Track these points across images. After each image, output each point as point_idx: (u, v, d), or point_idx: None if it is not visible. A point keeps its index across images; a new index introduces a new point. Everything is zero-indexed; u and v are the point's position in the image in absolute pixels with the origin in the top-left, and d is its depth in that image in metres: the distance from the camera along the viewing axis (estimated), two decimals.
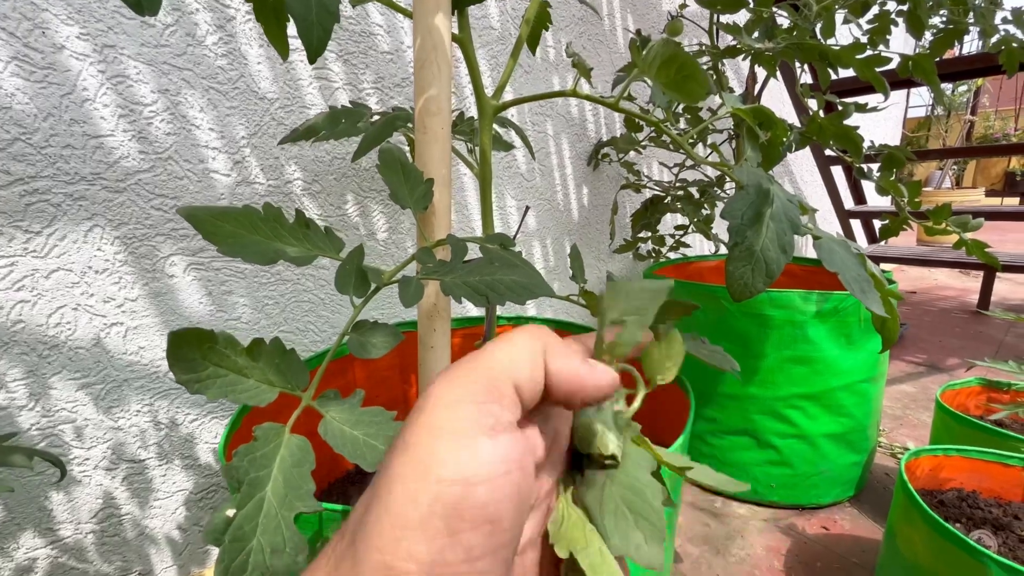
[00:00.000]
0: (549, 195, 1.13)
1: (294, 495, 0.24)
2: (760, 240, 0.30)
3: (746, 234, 0.30)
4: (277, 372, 0.27)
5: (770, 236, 0.30)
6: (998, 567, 0.49)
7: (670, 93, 0.28)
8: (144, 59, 0.59)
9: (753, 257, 0.30)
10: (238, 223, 0.30)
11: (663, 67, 0.27)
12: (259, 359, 0.27)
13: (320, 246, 0.32)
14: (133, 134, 0.59)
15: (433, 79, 0.39)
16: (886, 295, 0.43)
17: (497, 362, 0.15)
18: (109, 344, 0.61)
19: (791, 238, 0.32)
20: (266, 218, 0.31)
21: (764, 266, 0.31)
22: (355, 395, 0.29)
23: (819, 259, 0.39)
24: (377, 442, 0.27)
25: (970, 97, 6.17)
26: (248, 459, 0.23)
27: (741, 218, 0.31)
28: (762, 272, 0.30)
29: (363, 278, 0.31)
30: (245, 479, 0.23)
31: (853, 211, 2.19)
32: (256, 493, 0.23)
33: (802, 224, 0.34)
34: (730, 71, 1.65)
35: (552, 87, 1.09)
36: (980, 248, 0.83)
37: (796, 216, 0.32)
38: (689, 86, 0.26)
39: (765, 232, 0.31)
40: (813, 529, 0.91)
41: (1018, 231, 4.34)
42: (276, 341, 0.27)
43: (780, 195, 0.32)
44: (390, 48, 0.81)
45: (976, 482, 0.70)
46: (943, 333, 1.94)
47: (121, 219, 0.59)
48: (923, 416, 1.31)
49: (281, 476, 0.24)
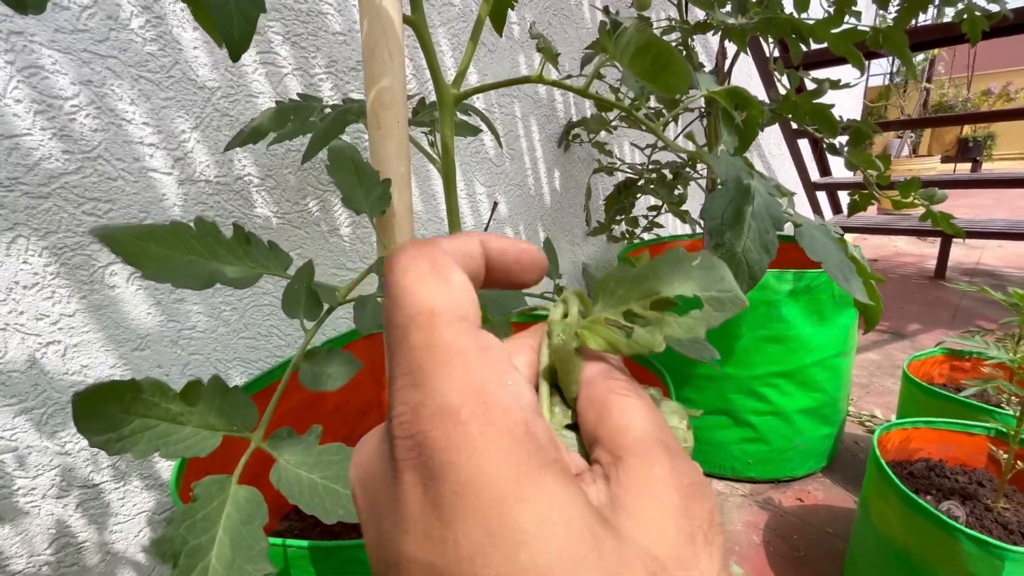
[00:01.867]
0: (520, 180, 1.09)
1: (244, 558, 0.21)
2: (742, 241, 0.29)
3: (726, 235, 0.29)
4: (219, 414, 0.24)
5: (752, 236, 0.29)
6: (968, 540, 0.50)
7: (645, 84, 0.25)
8: (60, 47, 0.52)
9: (735, 260, 0.29)
10: (166, 243, 0.26)
11: (637, 55, 0.24)
12: (196, 402, 0.24)
13: (264, 264, 0.28)
14: (54, 132, 0.53)
15: (385, 67, 0.35)
16: (868, 279, 0.42)
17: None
18: (47, 365, 0.56)
19: (774, 237, 0.30)
20: (199, 234, 0.27)
21: (747, 268, 0.29)
22: (311, 432, 0.26)
23: (795, 239, 0.38)
24: (338, 485, 0.24)
25: (926, 66, 6.34)
26: (186, 525, 0.21)
27: (721, 218, 0.29)
28: (745, 276, 0.29)
29: (314, 299, 0.28)
30: (183, 550, 0.20)
31: (819, 183, 2.23)
32: (198, 563, 0.20)
33: (784, 216, 0.32)
34: (699, 46, 1.63)
35: (518, 66, 1.04)
36: (946, 220, 0.84)
37: (778, 212, 0.30)
38: (666, 77, 0.24)
39: (747, 232, 0.29)
40: (789, 502, 0.93)
41: (971, 196, 4.53)
42: (215, 380, 0.24)
43: (761, 190, 0.30)
44: (342, 28, 0.75)
45: (943, 451, 0.72)
46: (904, 300, 2.01)
47: (48, 227, 0.54)
48: (888, 383, 1.36)
49: (228, 538, 0.21)
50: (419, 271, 0.13)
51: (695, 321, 0.15)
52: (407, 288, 0.13)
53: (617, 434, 0.14)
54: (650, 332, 0.16)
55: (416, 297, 0.13)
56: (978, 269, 2.43)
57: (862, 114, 4.16)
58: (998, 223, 2.07)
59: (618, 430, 0.14)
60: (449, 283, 0.13)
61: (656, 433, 0.14)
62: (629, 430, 0.14)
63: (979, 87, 7.41)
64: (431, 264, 0.14)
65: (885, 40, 0.66)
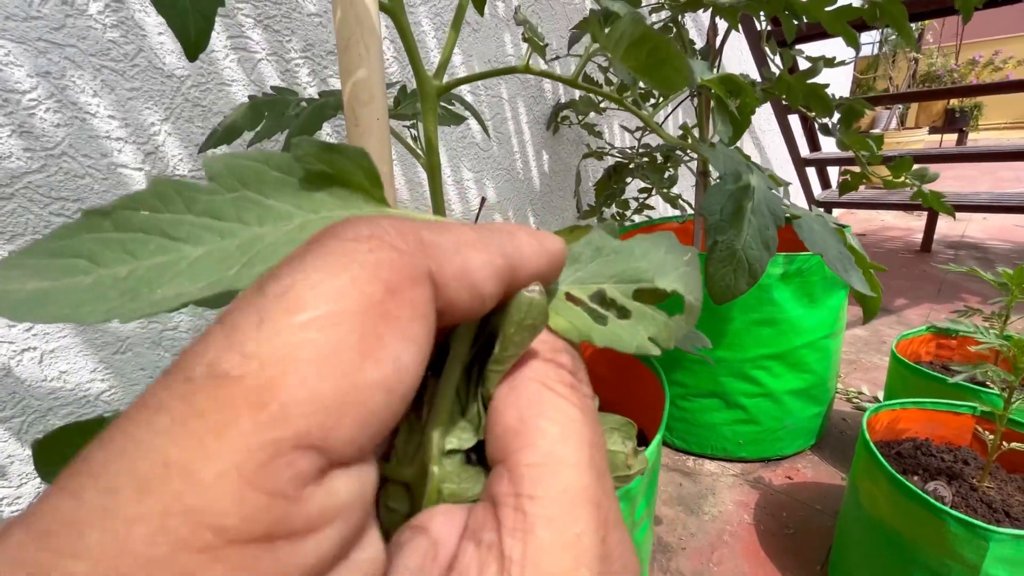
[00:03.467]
0: (508, 164, 1.07)
1: None
2: (741, 238, 0.28)
3: (726, 232, 0.27)
4: None
5: (751, 233, 0.28)
6: (955, 521, 0.51)
7: (641, 78, 0.24)
8: (12, 36, 0.49)
9: (735, 258, 0.28)
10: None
11: (632, 48, 0.22)
12: None
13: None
14: (12, 129, 0.50)
15: (361, 60, 0.33)
16: (867, 269, 0.41)
17: None
18: (23, 373, 0.54)
19: (774, 233, 0.29)
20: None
21: (747, 266, 0.28)
22: None
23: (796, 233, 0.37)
24: None
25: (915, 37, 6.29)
26: None
27: (720, 214, 0.28)
28: (745, 272, 0.28)
29: None
30: None
31: (809, 159, 2.22)
32: None
33: (783, 211, 0.31)
34: (690, 22, 1.59)
35: (504, 46, 1.01)
36: (937, 199, 0.84)
37: (778, 207, 0.29)
38: (663, 71, 0.22)
39: (747, 228, 0.28)
40: (778, 480, 0.95)
41: (956, 168, 4.56)
42: None
43: (760, 185, 0.29)
44: (317, 10, 0.71)
45: (930, 430, 0.73)
46: (891, 274, 2.03)
47: (14, 230, 0.51)
48: (875, 359, 1.39)
49: None
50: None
51: (678, 326, 0.13)
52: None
53: (533, 475, 0.10)
54: (632, 328, 0.13)
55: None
56: (963, 242, 2.46)
57: (852, 87, 4.13)
58: (983, 196, 2.09)
59: (537, 468, 0.10)
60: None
61: (590, 482, 0.10)
62: (552, 473, 0.10)
63: (968, 55, 7.38)
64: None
65: (883, 14, 0.64)
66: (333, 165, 0.13)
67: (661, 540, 0.82)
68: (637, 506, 0.44)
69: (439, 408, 0.12)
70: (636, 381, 0.63)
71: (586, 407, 0.11)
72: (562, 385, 0.11)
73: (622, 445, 0.15)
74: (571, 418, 0.11)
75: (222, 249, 0.12)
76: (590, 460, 0.10)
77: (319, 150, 0.13)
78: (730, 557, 0.78)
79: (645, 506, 0.47)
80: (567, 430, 0.11)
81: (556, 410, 0.11)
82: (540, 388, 0.11)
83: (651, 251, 0.14)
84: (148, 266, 0.12)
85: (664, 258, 0.13)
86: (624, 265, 0.13)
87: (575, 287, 0.13)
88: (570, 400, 0.11)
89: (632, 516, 0.43)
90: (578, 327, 0.12)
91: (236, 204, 0.12)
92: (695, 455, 1.02)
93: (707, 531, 0.84)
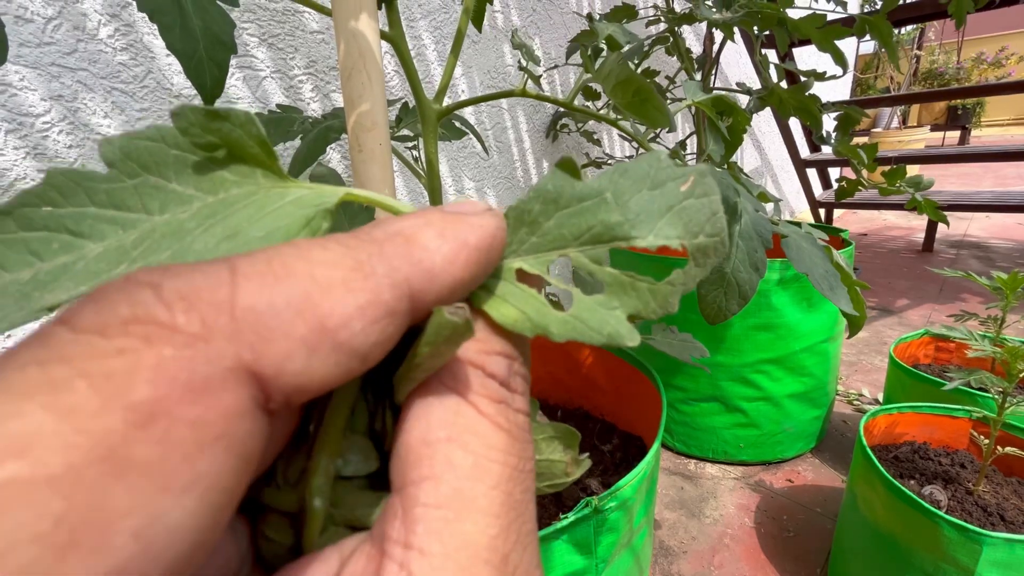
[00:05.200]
0: (508, 173, 1.08)
1: None
2: (731, 262, 0.29)
3: None
4: None
5: (740, 257, 0.29)
6: (949, 526, 0.52)
7: (629, 115, 0.25)
8: (27, 62, 0.50)
9: (724, 280, 0.29)
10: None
11: (619, 87, 0.24)
12: None
13: None
14: (27, 151, 0.51)
15: (364, 90, 0.35)
16: (852, 286, 0.43)
17: None
18: None
19: (762, 255, 0.30)
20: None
21: (736, 288, 0.29)
22: None
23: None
24: None
25: (916, 34, 6.27)
26: None
27: None
28: (735, 294, 0.29)
29: None
30: None
31: (809, 160, 2.23)
32: None
33: (770, 233, 0.32)
34: (688, 29, 1.60)
35: (503, 56, 1.02)
36: (931, 207, 0.84)
37: (766, 229, 0.31)
38: (646, 110, 0.23)
39: (735, 253, 0.29)
40: (779, 483, 0.96)
41: (959, 166, 4.55)
42: None
43: (748, 208, 0.31)
44: (320, 27, 0.73)
45: (927, 434, 0.74)
46: (892, 275, 2.04)
47: None
48: (876, 360, 1.39)
49: None
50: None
51: (673, 289, 0.10)
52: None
53: (430, 522, 0.08)
54: (603, 309, 0.10)
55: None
56: (965, 241, 2.46)
57: (852, 86, 4.13)
58: (985, 195, 2.09)
59: (435, 512, 0.08)
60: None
61: (498, 531, 0.08)
62: (453, 522, 0.08)
63: (971, 51, 7.35)
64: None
65: (871, 28, 0.66)
66: (223, 136, 0.11)
67: (662, 543, 0.83)
68: (635, 514, 0.45)
69: (328, 426, 0.10)
70: (633, 388, 0.65)
71: (515, 427, 0.09)
72: (487, 401, 0.09)
73: (562, 454, 0.13)
74: (490, 445, 0.09)
75: (120, 244, 0.11)
76: (504, 501, 0.08)
77: (204, 119, 0.11)
78: (731, 560, 0.79)
79: (644, 514, 0.48)
80: (481, 464, 0.08)
81: (473, 435, 0.09)
82: (458, 403, 0.09)
83: (629, 190, 0.10)
84: (49, 268, 0.10)
85: (649, 198, 0.10)
86: (592, 218, 0.10)
87: (528, 260, 0.10)
88: (494, 421, 0.09)
89: (630, 524, 0.44)
90: (531, 317, 0.09)
91: (139, 191, 0.11)
92: (696, 459, 1.03)
93: (708, 534, 0.85)
